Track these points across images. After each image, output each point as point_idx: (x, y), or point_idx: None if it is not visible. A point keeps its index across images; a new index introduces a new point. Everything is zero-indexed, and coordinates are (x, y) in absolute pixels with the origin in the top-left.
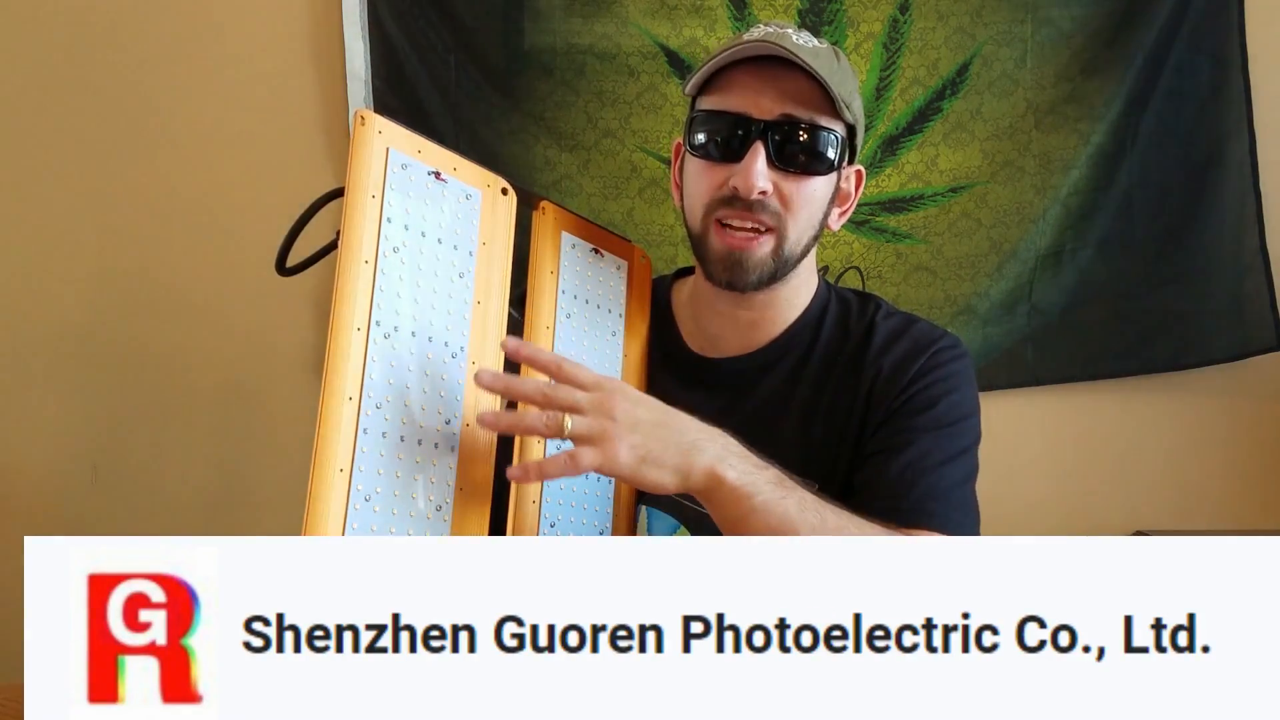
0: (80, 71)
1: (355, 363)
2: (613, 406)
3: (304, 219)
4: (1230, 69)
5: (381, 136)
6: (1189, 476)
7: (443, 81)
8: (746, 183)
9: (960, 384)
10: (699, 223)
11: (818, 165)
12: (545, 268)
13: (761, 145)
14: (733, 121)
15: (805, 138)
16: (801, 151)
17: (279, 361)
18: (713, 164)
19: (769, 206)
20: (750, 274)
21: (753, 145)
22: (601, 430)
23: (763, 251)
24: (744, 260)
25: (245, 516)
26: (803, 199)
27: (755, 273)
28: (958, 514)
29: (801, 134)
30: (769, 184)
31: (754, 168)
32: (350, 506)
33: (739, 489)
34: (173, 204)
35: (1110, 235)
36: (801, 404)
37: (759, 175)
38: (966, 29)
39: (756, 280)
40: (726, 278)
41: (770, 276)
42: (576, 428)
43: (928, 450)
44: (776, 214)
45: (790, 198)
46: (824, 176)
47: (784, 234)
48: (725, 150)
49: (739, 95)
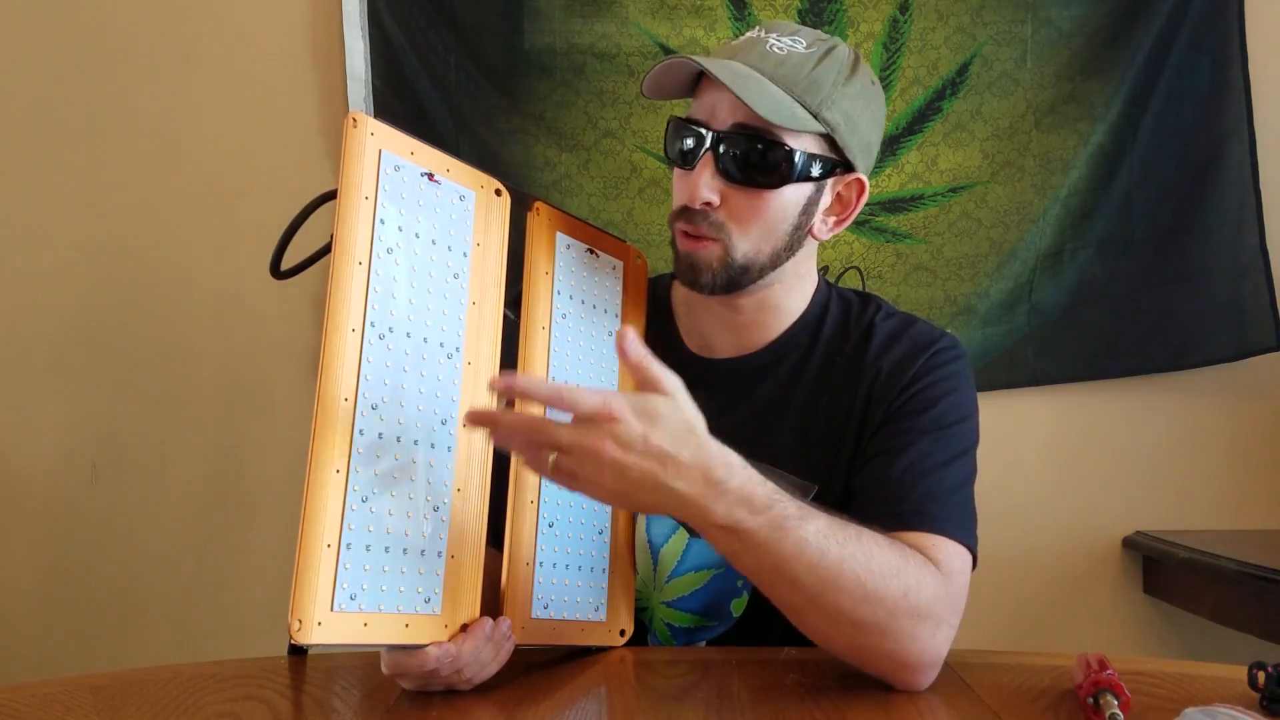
0: (80, 72)
1: (350, 364)
2: (599, 449)
3: (297, 222)
4: (1230, 69)
5: (374, 139)
6: (1189, 476)
7: (443, 81)
8: (691, 193)
9: (959, 385)
10: (671, 227)
11: (768, 178)
12: (540, 268)
13: (711, 156)
14: (690, 131)
15: (755, 150)
16: (751, 164)
17: (279, 361)
18: (681, 171)
19: (710, 218)
20: (702, 276)
21: (703, 156)
22: (581, 473)
23: (709, 256)
24: (695, 263)
25: (243, 516)
26: (752, 211)
27: (707, 276)
28: (957, 516)
29: (750, 146)
30: (714, 195)
31: (699, 179)
32: (347, 507)
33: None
34: (173, 204)
35: (1110, 235)
36: (800, 406)
37: (703, 187)
38: (966, 29)
39: (711, 284)
40: (686, 279)
41: (727, 282)
42: (559, 464)
43: (927, 452)
44: (718, 224)
45: (738, 209)
46: (777, 189)
47: (729, 245)
48: (685, 158)
49: (701, 103)
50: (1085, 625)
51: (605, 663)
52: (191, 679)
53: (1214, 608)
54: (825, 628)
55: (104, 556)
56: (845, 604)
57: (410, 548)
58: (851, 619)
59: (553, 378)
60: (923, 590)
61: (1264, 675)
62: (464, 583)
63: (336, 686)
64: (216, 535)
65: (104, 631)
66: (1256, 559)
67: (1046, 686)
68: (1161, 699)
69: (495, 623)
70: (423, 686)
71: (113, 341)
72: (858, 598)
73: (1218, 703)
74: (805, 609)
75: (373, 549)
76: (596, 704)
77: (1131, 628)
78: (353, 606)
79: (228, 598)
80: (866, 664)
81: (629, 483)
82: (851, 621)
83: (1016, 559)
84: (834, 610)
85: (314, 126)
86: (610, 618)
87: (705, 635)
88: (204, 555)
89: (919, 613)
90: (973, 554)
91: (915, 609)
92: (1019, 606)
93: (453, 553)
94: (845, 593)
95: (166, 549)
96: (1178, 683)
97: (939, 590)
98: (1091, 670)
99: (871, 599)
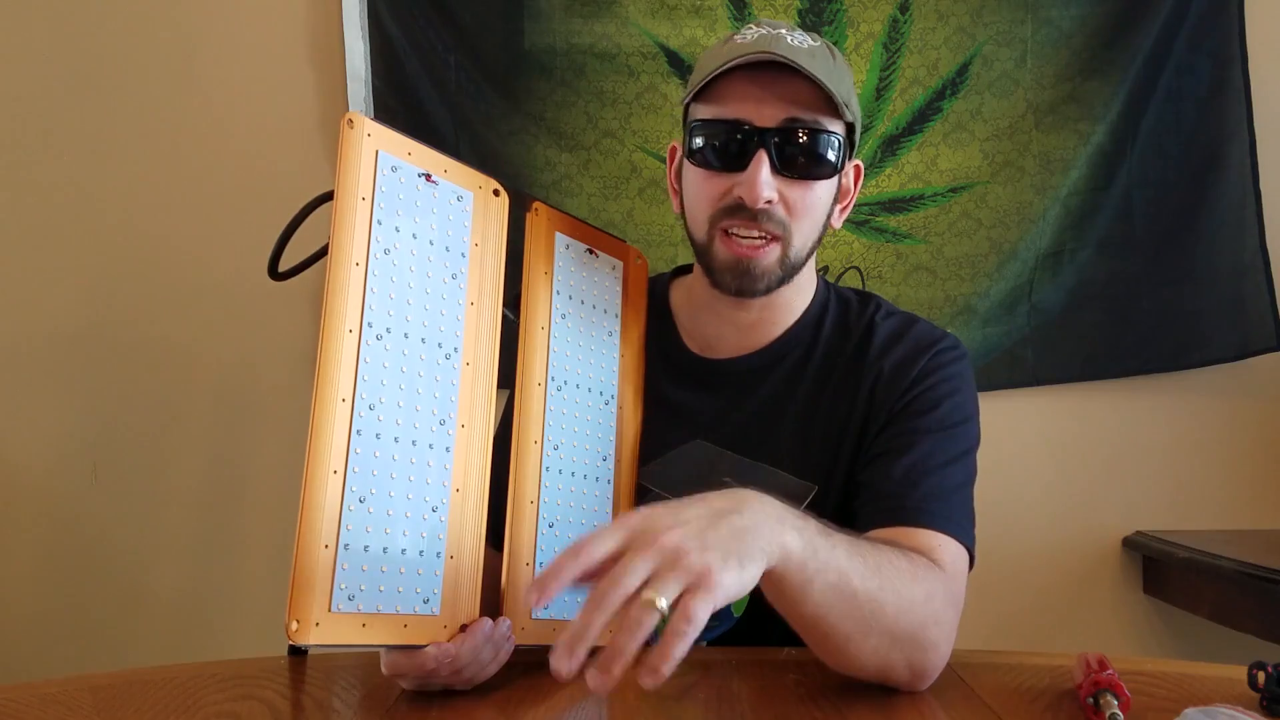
0: (80, 72)
1: (348, 365)
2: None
3: (294, 223)
4: (1230, 69)
5: (371, 139)
6: (1188, 476)
7: (443, 81)
8: (752, 193)
9: (961, 385)
10: (704, 232)
11: (822, 169)
12: (539, 269)
13: (765, 154)
14: (734, 129)
15: (808, 143)
16: (805, 157)
17: (279, 362)
18: (714, 173)
19: (774, 215)
20: (759, 282)
21: (756, 154)
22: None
23: (770, 260)
24: (752, 269)
25: (243, 516)
26: (808, 204)
27: (764, 280)
28: (958, 515)
29: (804, 139)
30: (774, 193)
31: (759, 177)
32: (345, 508)
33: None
34: (172, 204)
35: (1110, 235)
36: (800, 406)
37: (764, 185)
38: (966, 29)
39: (765, 287)
40: (735, 285)
41: (778, 282)
42: (668, 594)
43: (930, 452)
44: (782, 222)
45: (795, 204)
46: (828, 180)
47: (789, 241)
48: (727, 159)
49: (738, 102)
50: (1085, 625)
51: None
52: (191, 679)
53: (1214, 608)
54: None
55: (104, 556)
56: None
57: (409, 548)
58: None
59: (551, 378)
60: (934, 597)
61: (1264, 675)
62: (463, 583)
63: (336, 686)
64: (216, 535)
65: (104, 631)
66: (1256, 559)
67: (1046, 686)
68: (1161, 699)
69: (495, 623)
70: (422, 687)
71: (113, 342)
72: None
73: (1218, 703)
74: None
75: (371, 549)
76: (596, 704)
77: (1131, 628)
78: (350, 607)
79: (228, 598)
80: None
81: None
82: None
83: (1016, 559)
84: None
85: (314, 126)
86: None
87: (706, 635)
88: (204, 555)
89: (938, 619)
90: (971, 555)
91: (935, 615)
92: (1019, 606)
93: (452, 553)
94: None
95: (166, 549)
96: (1178, 683)
97: (946, 593)
98: (1091, 670)
99: (905, 610)
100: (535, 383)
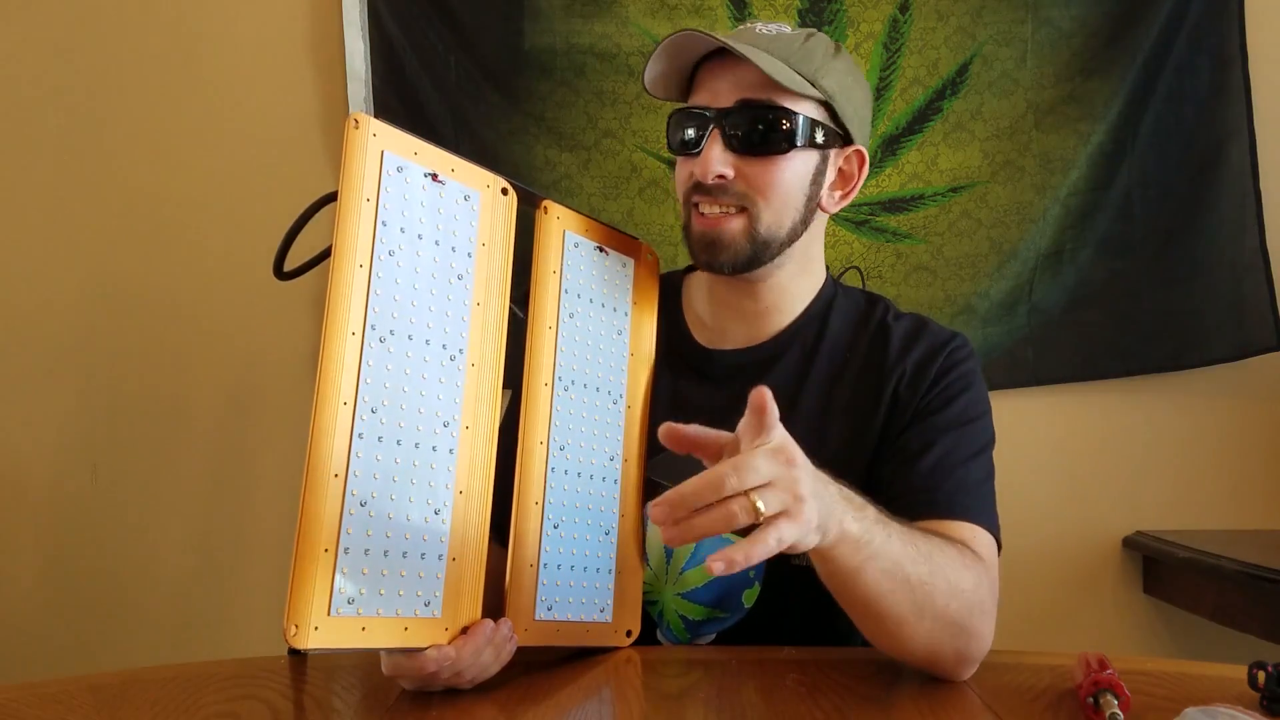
0: (80, 72)
1: (350, 367)
2: (796, 481)
3: (299, 223)
4: (1230, 69)
5: (376, 140)
6: (1189, 476)
7: (443, 81)
8: (703, 168)
9: (974, 381)
10: (682, 213)
11: (778, 145)
12: (548, 267)
13: (718, 132)
14: (693, 115)
15: (759, 120)
16: (759, 133)
17: (279, 363)
18: (685, 158)
19: (732, 189)
20: (724, 252)
21: (710, 134)
22: (792, 504)
23: (734, 230)
24: (717, 239)
25: (243, 517)
26: (770, 180)
27: (729, 250)
28: (987, 507)
29: (755, 116)
30: (728, 169)
31: (709, 154)
32: (345, 511)
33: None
34: (173, 205)
35: (1110, 235)
36: (812, 402)
37: (715, 161)
38: (966, 29)
39: (733, 260)
40: (705, 258)
41: (750, 258)
42: (770, 507)
43: (951, 448)
44: (743, 194)
45: (754, 179)
46: (787, 155)
47: (757, 216)
48: (690, 143)
49: (701, 92)
50: (1085, 625)
51: (606, 662)
52: (191, 679)
53: (1214, 608)
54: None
55: (104, 556)
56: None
57: (410, 551)
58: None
59: (558, 378)
60: (980, 586)
61: (1264, 675)
62: (465, 585)
63: (336, 686)
64: (216, 535)
65: (104, 631)
66: (1256, 559)
67: (1046, 686)
68: (1161, 699)
69: (496, 625)
70: (422, 687)
71: (113, 342)
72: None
73: (1218, 703)
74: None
75: (371, 552)
76: (597, 704)
77: (1131, 628)
78: (350, 610)
79: (228, 598)
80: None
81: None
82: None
83: (1016, 559)
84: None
85: (314, 127)
86: (616, 618)
87: (717, 626)
88: (204, 555)
89: (983, 608)
90: (999, 544)
91: (980, 603)
92: (1019, 606)
93: (454, 555)
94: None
95: (166, 549)
96: (1178, 683)
97: (989, 582)
98: (1091, 670)
99: (955, 596)
100: (542, 383)
